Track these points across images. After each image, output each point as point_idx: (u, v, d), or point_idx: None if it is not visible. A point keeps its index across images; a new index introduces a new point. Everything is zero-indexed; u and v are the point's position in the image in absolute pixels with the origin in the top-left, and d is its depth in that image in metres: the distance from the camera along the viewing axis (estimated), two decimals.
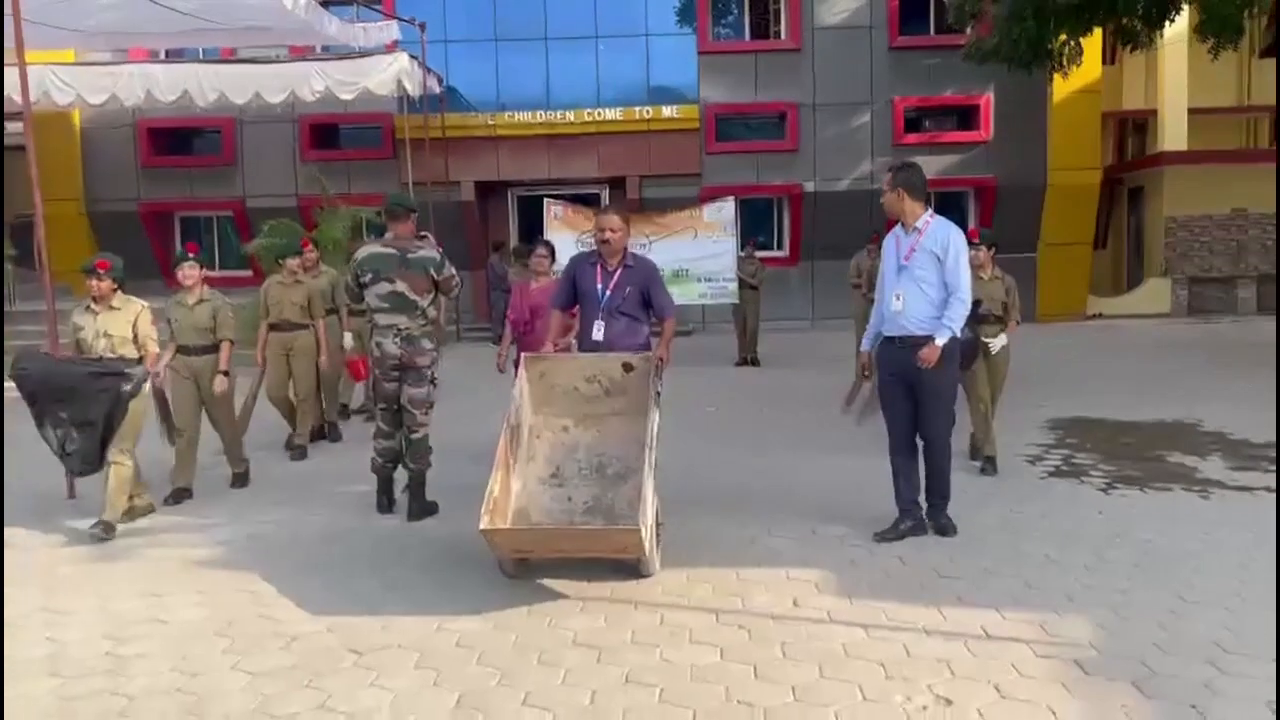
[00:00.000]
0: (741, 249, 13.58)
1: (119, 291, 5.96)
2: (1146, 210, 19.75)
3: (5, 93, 14.96)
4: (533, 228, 12.44)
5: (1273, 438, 7.33)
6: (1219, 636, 3.81)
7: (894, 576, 4.61)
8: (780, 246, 18.49)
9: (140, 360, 5.78)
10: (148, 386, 5.81)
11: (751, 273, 13.31)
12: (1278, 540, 3.83)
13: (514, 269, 12.44)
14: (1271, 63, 14.27)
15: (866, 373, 5.51)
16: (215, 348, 6.52)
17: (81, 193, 17.86)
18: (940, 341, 5.03)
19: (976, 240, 6.65)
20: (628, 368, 5.04)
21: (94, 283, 5.80)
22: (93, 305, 5.88)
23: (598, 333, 5.33)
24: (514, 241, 16.96)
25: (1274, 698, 3.28)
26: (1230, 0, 11.19)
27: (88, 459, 5.60)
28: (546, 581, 4.59)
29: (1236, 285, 18.57)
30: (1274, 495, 5.91)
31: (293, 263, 8.15)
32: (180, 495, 6.40)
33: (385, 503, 5.91)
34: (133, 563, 5.20)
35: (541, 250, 7.24)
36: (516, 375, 5.22)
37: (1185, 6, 11.87)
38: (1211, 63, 14.20)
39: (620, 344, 5.25)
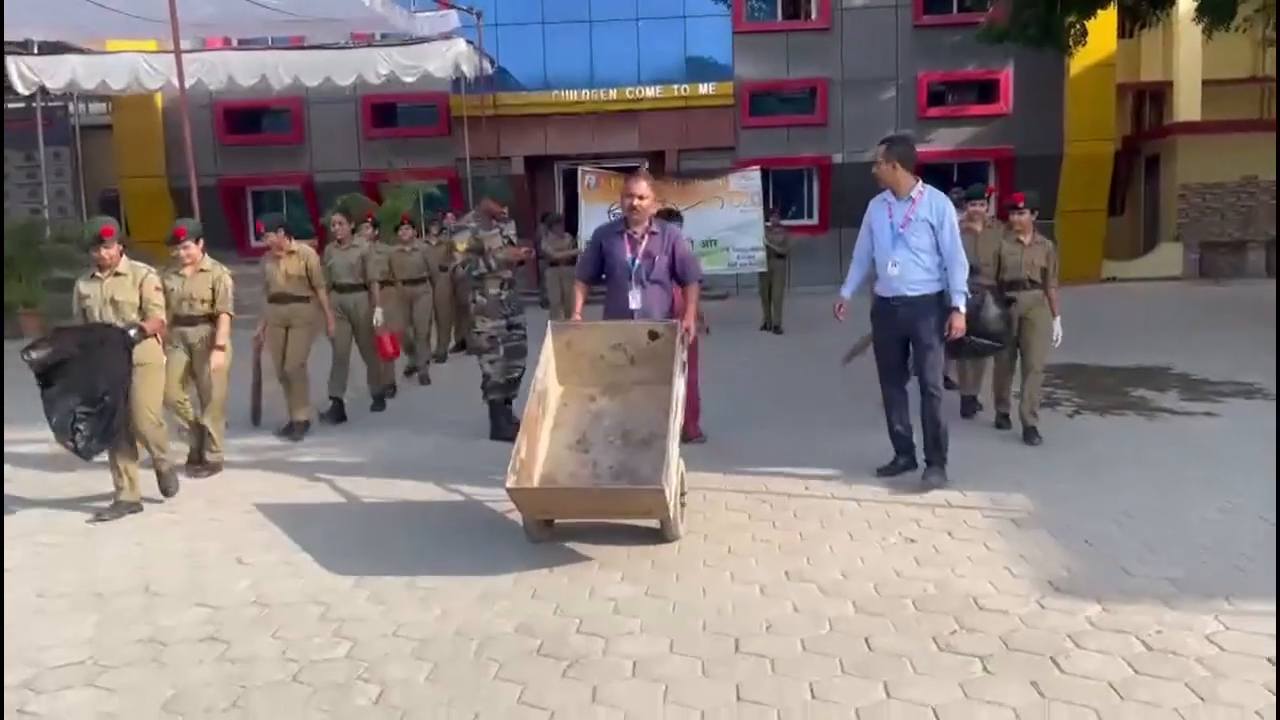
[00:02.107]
0: (767, 219, 13.63)
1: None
2: (1161, 178, 20.67)
3: (102, 79, 16.60)
4: (577, 199, 13.34)
5: (1229, 377, 8.53)
6: (1127, 507, 5.06)
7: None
8: (811, 215, 19.66)
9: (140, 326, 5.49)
10: (157, 352, 5.65)
11: (780, 241, 13.57)
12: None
13: (545, 237, 12.60)
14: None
15: (839, 315, 5.78)
16: (212, 319, 6.27)
17: (165, 169, 19.39)
18: (961, 307, 5.46)
19: (1021, 204, 6.68)
20: (653, 336, 5.06)
21: (100, 251, 5.53)
22: (98, 273, 5.61)
23: (634, 301, 5.43)
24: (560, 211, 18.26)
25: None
26: None
27: (101, 437, 5.19)
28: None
29: (1246, 249, 19.50)
30: (1209, 418, 7.15)
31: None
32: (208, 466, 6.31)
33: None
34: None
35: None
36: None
37: None
38: (1226, 35, 15.06)
39: (656, 310, 5.39)
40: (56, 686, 3.39)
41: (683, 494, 4.84)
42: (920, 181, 5.59)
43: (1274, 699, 3.03)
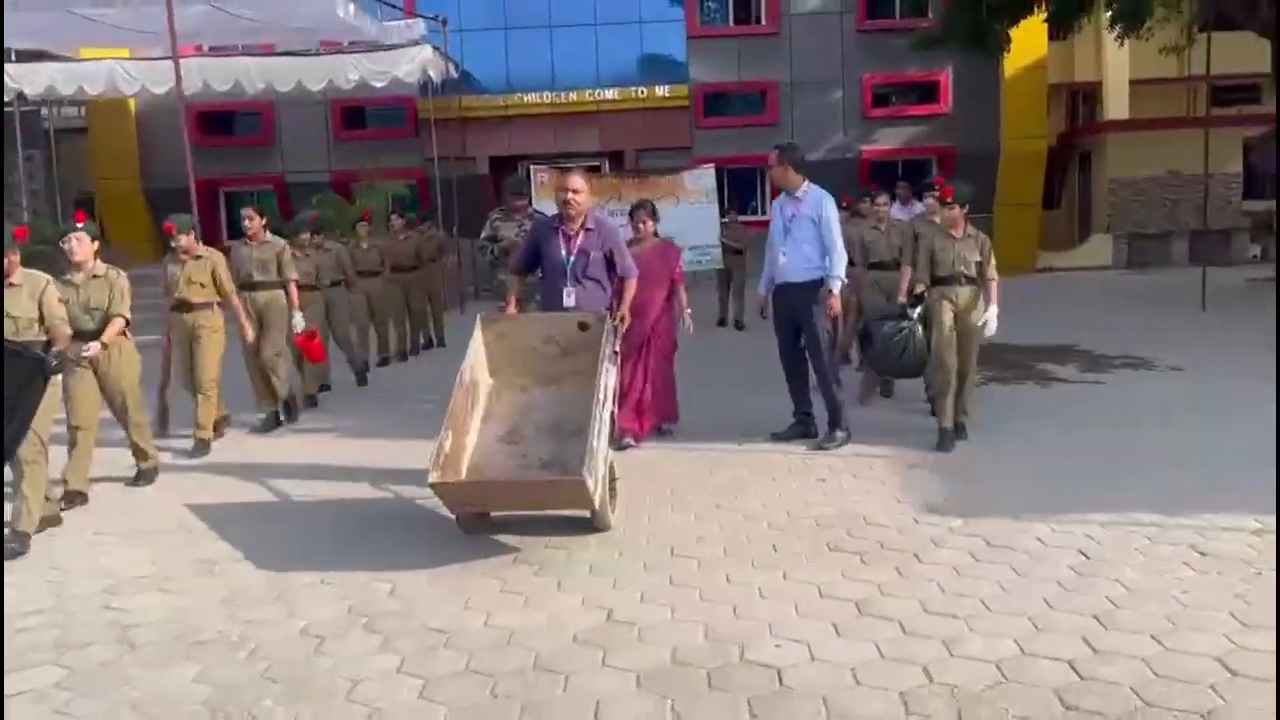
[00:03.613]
0: (724, 215, 13.84)
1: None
2: (1093, 173, 21.88)
3: (79, 85, 17.20)
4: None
5: (1125, 352, 9.59)
6: (1010, 451, 6.04)
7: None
8: (763, 211, 20.60)
9: (48, 345, 4.98)
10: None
11: (736, 237, 13.60)
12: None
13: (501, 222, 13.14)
14: (1207, 36, 16.10)
15: (763, 312, 6.59)
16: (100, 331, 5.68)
17: (138, 171, 19.99)
18: (836, 291, 6.24)
19: (950, 199, 6.36)
20: (583, 327, 5.05)
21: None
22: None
23: (568, 299, 5.39)
24: (533, 208, 19.03)
25: None
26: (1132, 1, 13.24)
27: None
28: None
29: (1171, 239, 20.73)
30: (1096, 385, 8.18)
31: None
32: (73, 498, 5.51)
33: None
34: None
35: (641, 213, 6.86)
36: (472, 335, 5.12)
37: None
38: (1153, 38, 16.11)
39: (590, 308, 5.31)
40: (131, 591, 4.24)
41: (614, 480, 4.90)
42: (807, 181, 6.32)
43: (1072, 576, 4.00)
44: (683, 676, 3.26)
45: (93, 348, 5.56)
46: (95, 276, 5.73)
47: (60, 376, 5.10)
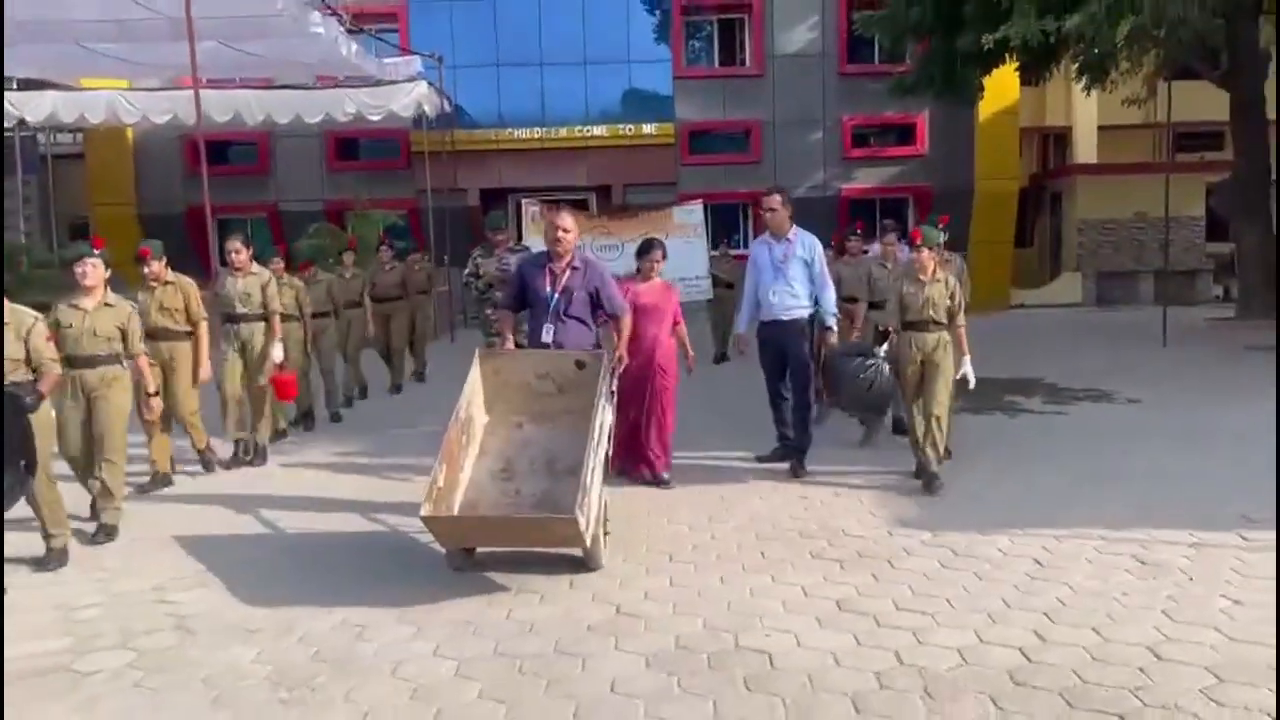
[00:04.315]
0: (715, 248, 14.20)
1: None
2: (1063, 213, 22.67)
3: (81, 113, 17.64)
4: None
5: (1090, 385, 10.17)
6: (982, 474, 6.54)
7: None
8: (746, 245, 21.20)
9: (35, 382, 4.86)
10: (46, 405, 4.97)
11: (728, 270, 13.67)
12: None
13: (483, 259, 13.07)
14: (1180, 85, 16.86)
15: (742, 349, 6.96)
16: (117, 359, 5.63)
17: (134, 197, 20.40)
18: (833, 327, 6.75)
19: (919, 242, 6.25)
20: (580, 365, 5.09)
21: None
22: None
23: (547, 335, 5.40)
24: (513, 242, 19.56)
25: None
26: (1102, 49, 13.97)
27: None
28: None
29: (1138, 279, 21.50)
30: (1059, 415, 8.73)
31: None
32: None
33: None
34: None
35: (657, 252, 6.79)
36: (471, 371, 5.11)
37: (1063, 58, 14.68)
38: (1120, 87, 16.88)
39: (570, 346, 5.33)
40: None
41: (606, 521, 4.93)
42: (793, 225, 6.75)
43: (1027, 580, 4.50)
44: (686, 659, 3.74)
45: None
46: (107, 305, 5.63)
47: (48, 410, 4.98)
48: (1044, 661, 3.63)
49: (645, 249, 6.84)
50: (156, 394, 6.13)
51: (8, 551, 4.83)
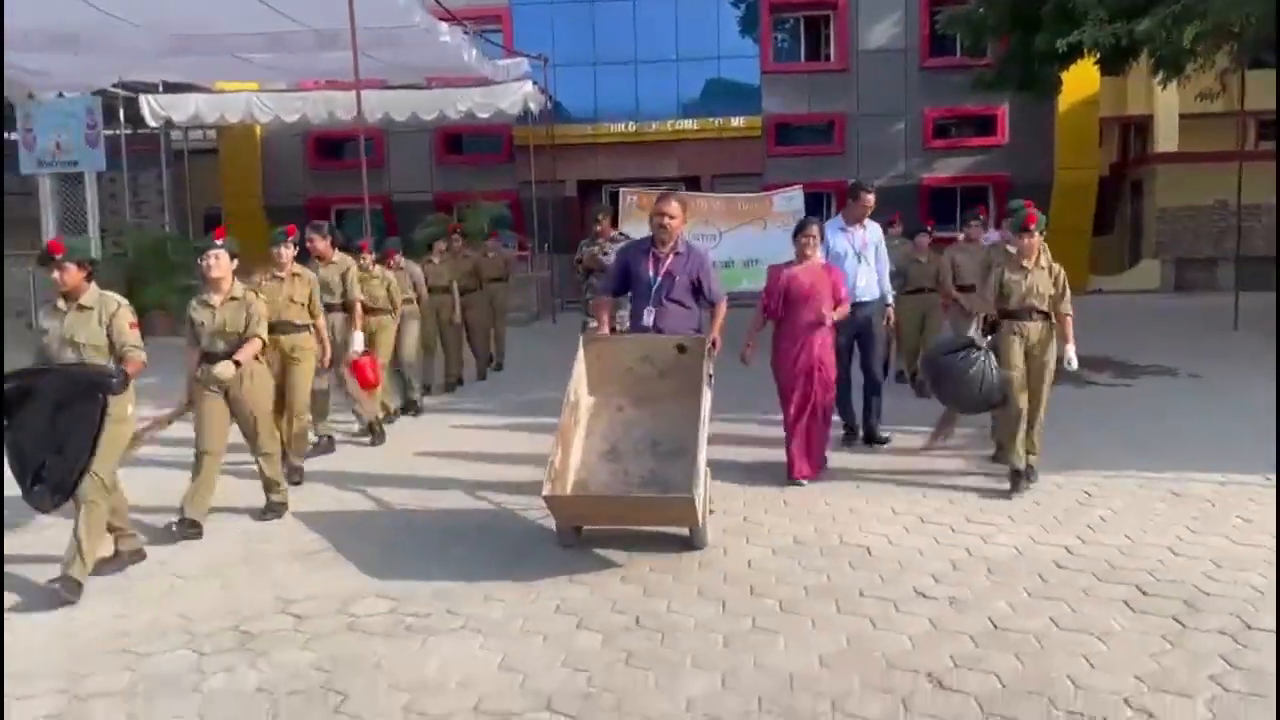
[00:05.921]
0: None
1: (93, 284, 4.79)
2: (1144, 201, 23.13)
3: (221, 113, 19.34)
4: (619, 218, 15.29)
5: (1154, 362, 11.01)
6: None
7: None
8: None
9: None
10: (131, 408, 4.76)
11: None
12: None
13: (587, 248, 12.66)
14: (1257, 74, 17.27)
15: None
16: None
17: (260, 190, 22.18)
18: (891, 302, 7.49)
19: (1031, 225, 5.94)
20: (680, 349, 5.17)
21: (56, 274, 4.65)
22: (60, 303, 4.75)
23: (648, 318, 5.46)
24: (615, 231, 20.77)
25: None
26: (1174, 49, 14.59)
27: (59, 488, 4.43)
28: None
29: (1217, 265, 21.90)
30: (1125, 388, 9.64)
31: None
32: (186, 528, 5.25)
33: None
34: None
35: (812, 228, 6.42)
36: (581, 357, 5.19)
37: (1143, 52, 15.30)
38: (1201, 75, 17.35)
39: (670, 330, 5.38)
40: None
41: (710, 500, 5.04)
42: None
43: (1076, 508, 5.56)
44: (803, 550, 4.92)
45: (226, 367, 5.28)
46: (233, 299, 5.47)
47: (130, 410, 4.73)
48: (1083, 554, 4.72)
49: (800, 227, 6.53)
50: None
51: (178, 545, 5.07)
